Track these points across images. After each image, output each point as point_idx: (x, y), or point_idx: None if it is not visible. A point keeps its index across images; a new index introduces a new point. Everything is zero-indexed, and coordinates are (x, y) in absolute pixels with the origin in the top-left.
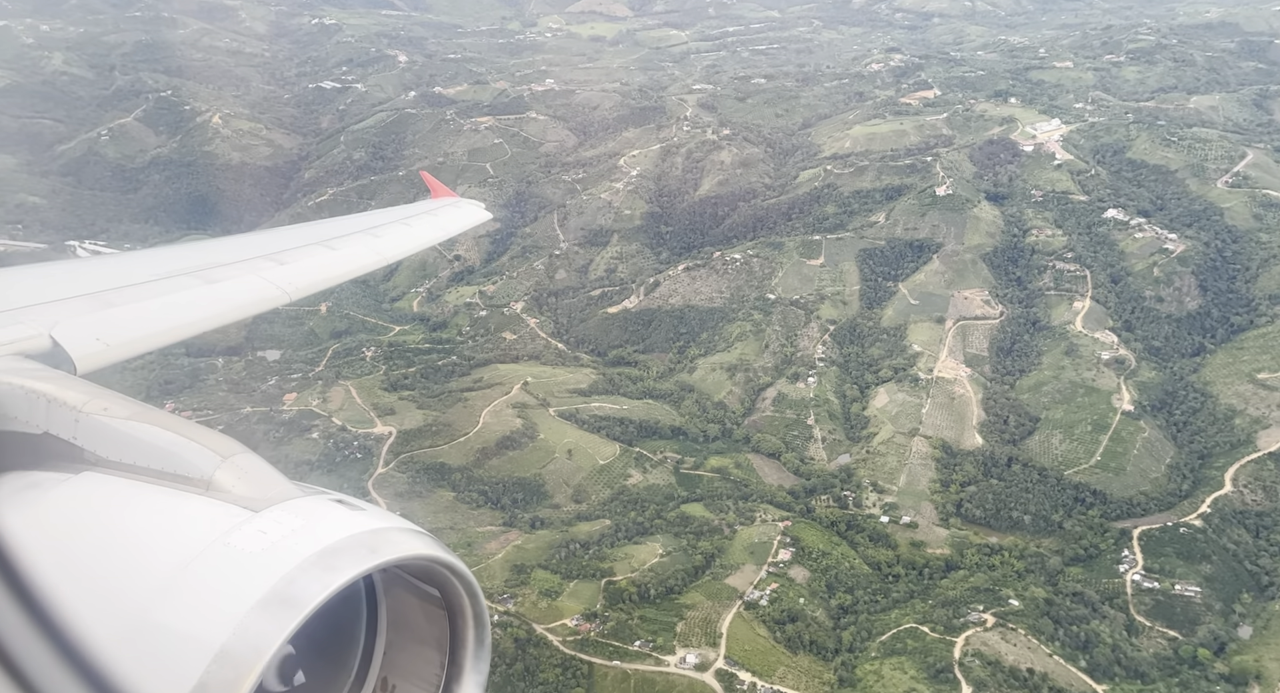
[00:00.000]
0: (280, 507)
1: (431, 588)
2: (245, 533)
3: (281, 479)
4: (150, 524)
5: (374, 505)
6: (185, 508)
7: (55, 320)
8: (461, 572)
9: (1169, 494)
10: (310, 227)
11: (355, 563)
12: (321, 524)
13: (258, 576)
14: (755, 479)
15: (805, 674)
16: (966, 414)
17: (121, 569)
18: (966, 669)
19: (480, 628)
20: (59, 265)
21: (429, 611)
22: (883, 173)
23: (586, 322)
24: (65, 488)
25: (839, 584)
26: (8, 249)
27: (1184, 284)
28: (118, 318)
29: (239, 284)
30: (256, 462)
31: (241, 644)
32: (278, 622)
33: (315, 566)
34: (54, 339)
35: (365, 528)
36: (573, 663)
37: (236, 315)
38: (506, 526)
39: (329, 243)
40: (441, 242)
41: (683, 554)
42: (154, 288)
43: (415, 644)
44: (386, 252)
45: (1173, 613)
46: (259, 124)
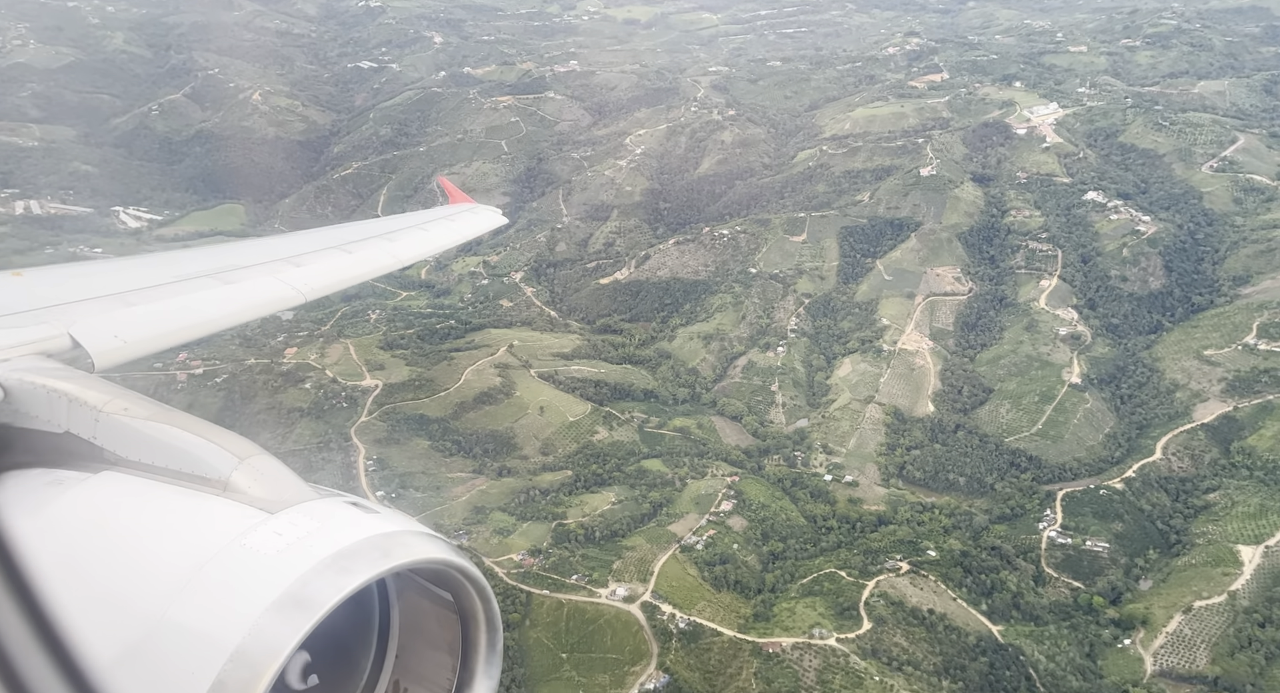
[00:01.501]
0: (296, 509)
1: (444, 592)
2: (261, 535)
3: (297, 481)
4: (167, 524)
5: (388, 509)
6: (202, 509)
7: (74, 319)
8: (474, 576)
9: (1101, 461)
10: (328, 231)
11: (369, 566)
12: (336, 527)
13: (273, 577)
14: (715, 439)
15: (724, 609)
16: (923, 384)
17: (139, 568)
18: (870, 608)
19: (493, 633)
20: (79, 267)
21: (441, 615)
22: (875, 154)
23: (580, 292)
24: (85, 486)
25: (773, 534)
26: (58, 212)
27: (1150, 265)
28: (135, 316)
29: (255, 285)
30: (273, 464)
31: (256, 645)
32: (292, 624)
33: (330, 568)
34: (73, 337)
35: (379, 531)
36: (513, 592)
37: (252, 314)
38: (475, 473)
39: (346, 247)
40: (458, 245)
41: (633, 503)
42: (172, 288)
43: (427, 648)
44: (402, 255)
45: (1079, 566)
46: (296, 101)
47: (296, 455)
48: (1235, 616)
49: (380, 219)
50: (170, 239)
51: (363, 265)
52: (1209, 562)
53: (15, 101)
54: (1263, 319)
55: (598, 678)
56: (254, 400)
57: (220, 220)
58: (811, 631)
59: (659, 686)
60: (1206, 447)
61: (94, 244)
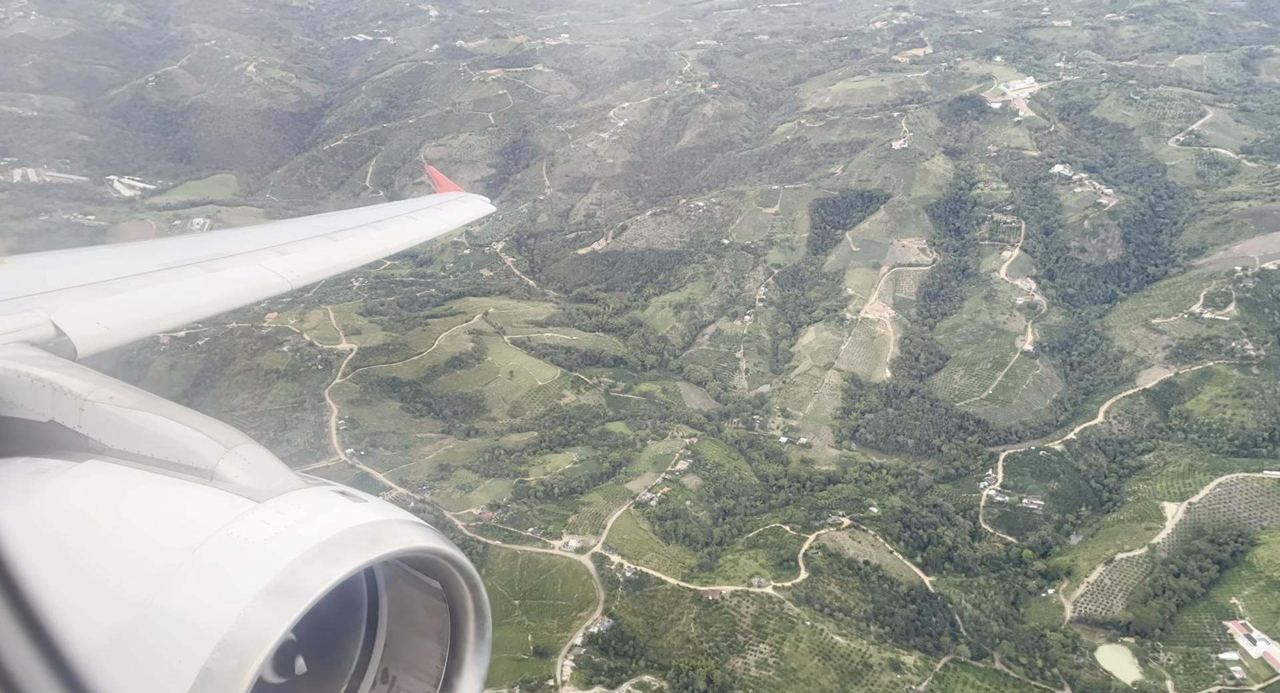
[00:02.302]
0: (283, 498)
1: (433, 581)
2: (249, 523)
3: (285, 470)
4: (154, 513)
5: (376, 498)
6: (189, 497)
7: (56, 307)
8: (463, 565)
9: (1047, 424)
10: (316, 220)
11: (357, 555)
12: (324, 516)
13: (261, 566)
14: (678, 403)
15: (671, 559)
16: (882, 352)
17: (126, 557)
18: (809, 559)
19: (481, 622)
20: (62, 255)
21: (430, 603)
22: (851, 127)
23: (558, 262)
24: (70, 475)
25: (725, 491)
26: (54, 180)
27: (1109, 236)
28: (118, 303)
29: (240, 272)
30: (260, 453)
31: (244, 633)
32: (280, 612)
33: (318, 557)
34: (56, 325)
35: (367, 520)
36: (470, 543)
37: (237, 302)
38: (444, 433)
39: (333, 235)
40: (444, 234)
41: (593, 463)
42: (156, 276)
43: (416, 636)
44: (389, 243)
45: (1015, 522)
46: (290, 73)
47: (272, 415)
48: (1153, 567)
49: (368, 208)
50: (162, 208)
51: (349, 254)
52: (1135, 518)
53: (16, 72)
54: (1210, 289)
55: (546, 623)
56: (234, 362)
57: (212, 190)
58: (750, 580)
59: (603, 630)
60: (1147, 411)
61: (87, 212)
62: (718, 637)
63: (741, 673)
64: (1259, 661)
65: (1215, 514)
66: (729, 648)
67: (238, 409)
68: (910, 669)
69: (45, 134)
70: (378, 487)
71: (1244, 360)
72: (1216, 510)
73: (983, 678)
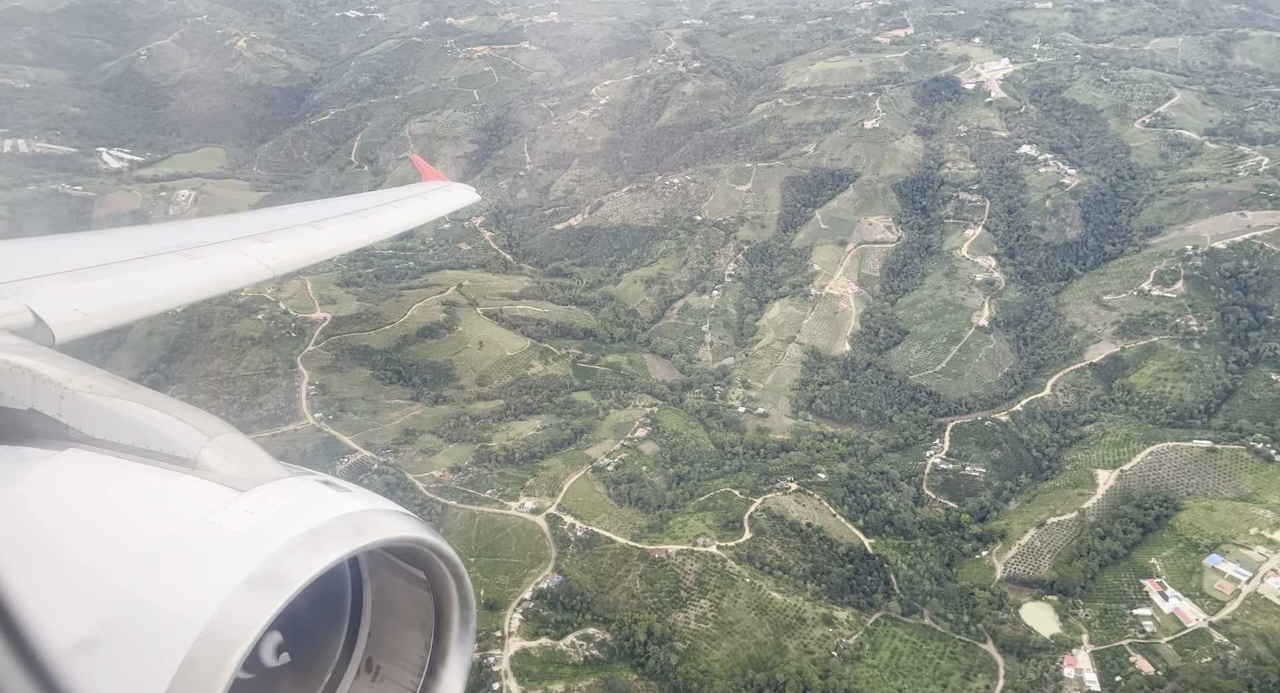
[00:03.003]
0: (266, 487)
1: (417, 570)
2: (231, 513)
3: (268, 459)
4: (135, 502)
5: (360, 487)
6: (171, 487)
7: (33, 293)
8: (447, 555)
9: (996, 396)
10: (299, 208)
11: (341, 544)
12: (308, 505)
13: (243, 555)
14: (643, 374)
15: (623, 521)
16: (844, 326)
17: (106, 546)
18: (753, 521)
19: (465, 611)
20: (41, 242)
21: (414, 593)
22: (827, 107)
23: (535, 236)
24: (50, 463)
25: (681, 458)
26: (44, 151)
27: (1069, 215)
28: (97, 290)
29: (221, 260)
30: (243, 442)
31: (227, 623)
32: (263, 602)
33: (301, 546)
34: (34, 312)
35: (351, 510)
36: (430, 504)
37: (218, 289)
38: (412, 400)
39: (317, 224)
40: (429, 222)
41: (556, 430)
42: (136, 263)
43: (400, 626)
44: (373, 231)
45: (956, 488)
46: (281, 48)
47: (245, 380)
48: (1082, 530)
49: (353, 196)
50: (149, 180)
51: (332, 241)
52: (1069, 484)
53: (11, 44)
54: (1160, 267)
55: (499, 579)
56: (210, 329)
57: (200, 163)
58: (696, 540)
59: (552, 585)
60: (1092, 384)
61: (75, 182)
62: (661, 593)
63: (681, 626)
64: (1170, 616)
65: (1145, 481)
66: (671, 603)
67: (213, 375)
68: (842, 624)
69: (37, 106)
70: (343, 450)
71: (1187, 336)
72: (1146, 477)
73: (911, 633)
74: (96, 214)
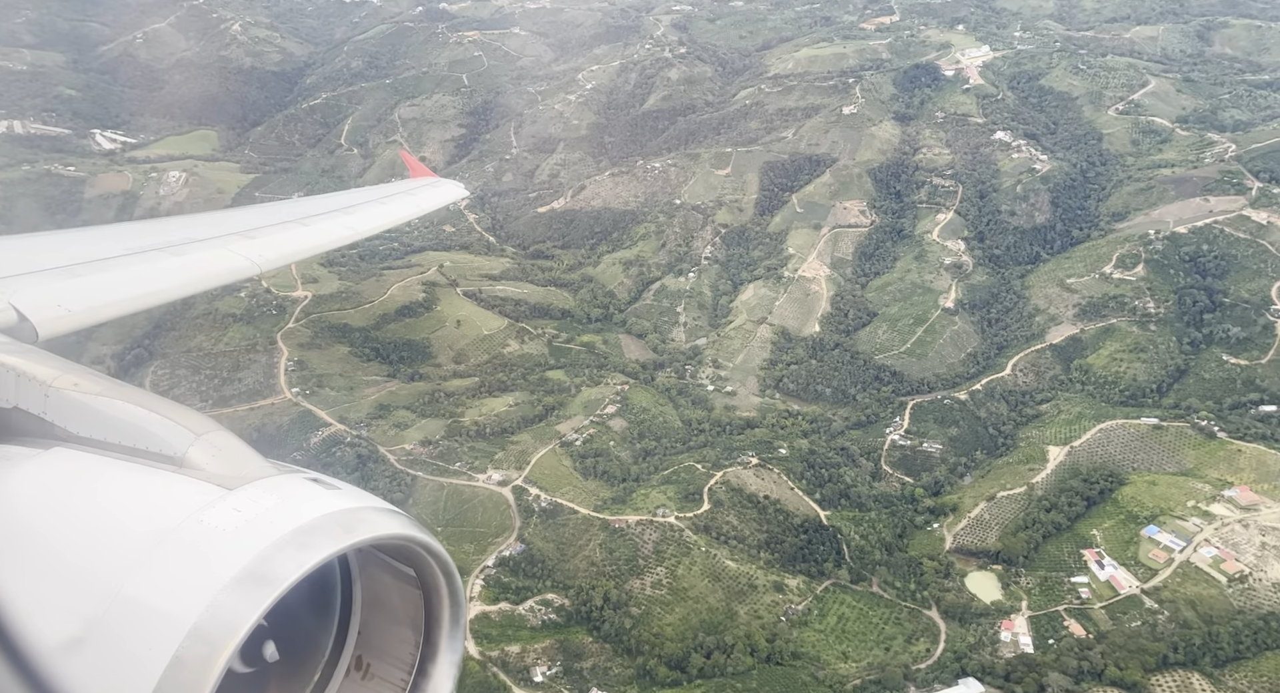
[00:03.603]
0: (255, 485)
1: (407, 568)
2: (219, 511)
3: (256, 457)
4: (122, 500)
5: (349, 485)
6: (158, 485)
7: (15, 290)
8: (437, 552)
9: (958, 376)
10: (287, 205)
11: (330, 542)
12: (296, 503)
13: (232, 553)
14: (617, 354)
15: (587, 493)
16: (815, 308)
17: (93, 545)
18: (713, 493)
19: (455, 608)
20: (24, 240)
21: (404, 590)
22: (808, 93)
23: (519, 219)
24: (35, 462)
25: (649, 433)
26: (39, 132)
27: (1038, 200)
28: (81, 287)
29: (207, 256)
30: (231, 440)
31: (215, 622)
32: (252, 600)
33: (290, 544)
34: (17, 309)
35: (340, 507)
36: (401, 475)
37: (204, 285)
38: (389, 377)
39: (303, 221)
40: (417, 218)
41: (528, 406)
42: (121, 260)
43: (390, 623)
44: (360, 227)
45: (913, 464)
46: (275, 33)
47: (226, 356)
48: (1030, 503)
49: (341, 193)
50: (141, 161)
51: (319, 238)
52: (1021, 460)
53: (10, 27)
54: (1122, 251)
55: (464, 547)
56: (193, 306)
57: (193, 145)
58: (656, 510)
59: (515, 553)
60: (1051, 364)
61: (68, 163)
62: (620, 561)
63: (638, 592)
64: (1105, 583)
65: (1093, 456)
66: (629, 571)
67: (195, 350)
68: (792, 591)
69: (34, 88)
70: (318, 423)
71: (1144, 317)
72: (1095, 453)
73: (859, 599)
74: (88, 194)
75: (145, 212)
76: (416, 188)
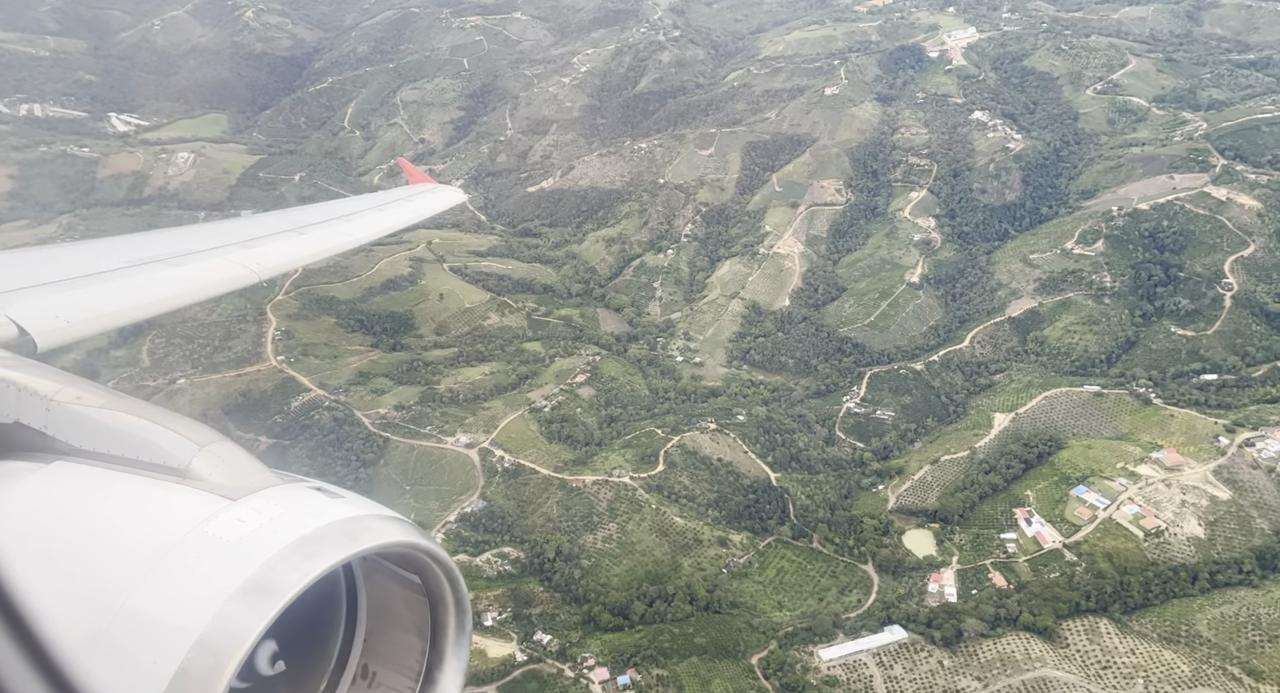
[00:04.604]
0: (258, 495)
1: (412, 575)
2: (223, 521)
3: (260, 467)
4: (126, 513)
5: (353, 493)
6: (161, 497)
7: (14, 303)
8: (442, 559)
9: (919, 348)
10: (286, 214)
11: (335, 551)
12: (300, 512)
13: (236, 564)
14: (593, 326)
15: (550, 455)
16: (786, 283)
17: (97, 558)
18: (668, 456)
19: (461, 615)
20: (21, 254)
21: (410, 598)
22: (794, 74)
23: (510, 198)
24: (36, 477)
25: (615, 401)
26: (56, 115)
27: (1009, 179)
28: (79, 298)
29: (206, 266)
30: (234, 450)
31: (220, 633)
32: (257, 610)
33: (294, 553)
34: (16, 323)
35: (344, 516)
36: (374, 438)
37: (203, 295)
38: (372, 347)
39: (302, 230)
40: (415, 224)
41: (502, 375)
42: (119, 272)
43: (396, 631)
44: (359, 234)
45: (866, 430)
46: (286, 19)
47: (218, 326)
48: (971, 466)
49: (340, 201)
50: (152, 143)
51: (317, 245)
52: (968, 427)
53: (36, 15)
54: (1085, 227)
55: (429, 504)
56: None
57: (204, 128)
58: (612, 471)
59: (476, 510)
60: (1009, 336)
61: (82, 144)
62: (575, 517)
63: (589, 546)
64: (1032, 539)
65: (1036, 422)
66: (583, 526)
67: (189, 320)
68: (736, 546)
69: (55, 73)
70: (299, 389)
71: (1099, 291)
72: (1038, 419)
73: (799, 554)
74: (100, 174)
75: (154, 191)
76: (416, 194)
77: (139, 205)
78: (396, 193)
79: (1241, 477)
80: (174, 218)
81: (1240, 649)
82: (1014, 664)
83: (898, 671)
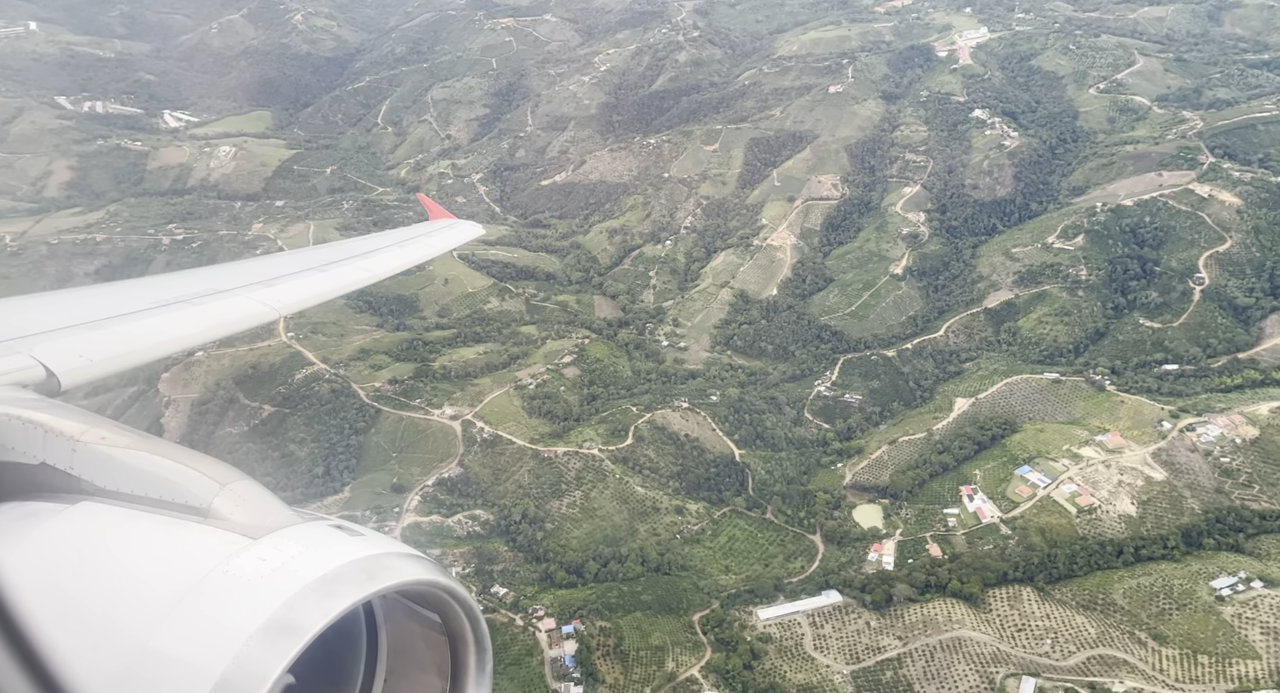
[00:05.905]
0: (279, 534)
1: (432, 614)
2: (244, 561)
3: (281, 506)
4: (149, 553)
5: (373, 531)
6: (184, 536)
7: (39, 345)
8: (462, 597)
9: (896, 336)
10: (306, 253)
11: (355, 589)
12: (321, 551)
13: (257, 603)
14: (588, 312)
15: (529, 428)
16: (776, 273)
17: (120, 598)
18: (638, 432)
19: (481, 654)
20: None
21: (429, 636)
22: (804, 73)
23: (524, 191)
24: (62, 518)
25: (598, 381)
26: (115, 112)
27: (1001, 175)
28: (102, 338)
29: (226, 304)
30: (255, 489)
31: (241, 673)
32: (278, 649)
33: (315, 592)
34: (42, 364)
35: (364, 554)
36: (367, 408)
37: (222, 332)
38: (376, 327)
39: (323, 267)
40: (434, 258)
41: (495, 355)
42: (142, 313)
43: (416, 670)
44: (378, 270)
45: (833, 412)
46: (333, 22)
47: None
48: (927, 447)
49: (360, 238)
50: (199, 138)
51: (336, 282)
52: (931, 411)
53: (105, 20)
54: (1068, 222)
55: (412, 470)
56: (215, 261)
57: (249, 124)
58: (582, 443)
59: (453, 475)
60: (983, 326)
61: (135, 138)
62: (545, 484)
63: (554, 511)
64: (972, 514)
65: (995, 407)
66: (551, 493)
67: None
68: (691, 514)
69: (119, 73)
70: (304, 362)
71: (1074, 284)
72: (997, 404)
73: (751, 524)
74: (150, 166)
75: (197, 181)
76: (434, 230)
77: (181, 195)
78: (416, 229)
79: (1179, 459)
80: (211, 207)
81: (1150, 616)
82: (935, 626)
83: (827, 630)
